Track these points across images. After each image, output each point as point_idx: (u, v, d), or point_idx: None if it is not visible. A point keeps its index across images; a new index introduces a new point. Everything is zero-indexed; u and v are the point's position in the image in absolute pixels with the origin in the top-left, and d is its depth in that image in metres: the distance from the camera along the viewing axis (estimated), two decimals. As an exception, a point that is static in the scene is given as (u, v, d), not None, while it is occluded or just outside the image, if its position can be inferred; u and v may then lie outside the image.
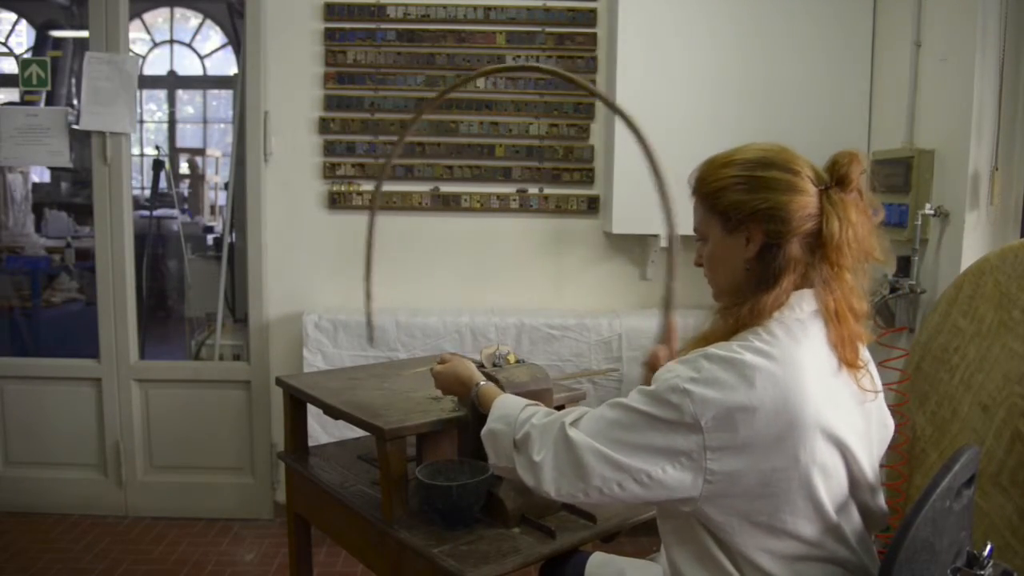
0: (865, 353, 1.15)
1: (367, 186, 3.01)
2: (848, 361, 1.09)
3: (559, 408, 1.67)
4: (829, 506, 1.05)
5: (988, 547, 1.12)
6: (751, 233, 1.10)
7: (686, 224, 1.53)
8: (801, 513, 1.03)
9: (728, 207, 1.11)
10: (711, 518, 1.06)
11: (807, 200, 1.08)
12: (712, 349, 1.05)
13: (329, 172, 3.01)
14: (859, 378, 1.10)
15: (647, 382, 1.43)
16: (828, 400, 1.04)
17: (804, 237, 1.08)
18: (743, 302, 1.10)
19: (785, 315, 1.07)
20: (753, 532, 1.04)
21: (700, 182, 1.16)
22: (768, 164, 1.10)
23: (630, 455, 1.06)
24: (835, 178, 1.09)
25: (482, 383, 1.43)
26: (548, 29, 2.97)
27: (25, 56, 5.03)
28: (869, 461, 1.11)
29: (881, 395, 1.17)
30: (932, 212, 2.38)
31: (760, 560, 1.05)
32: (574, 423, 1.13)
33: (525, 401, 1.30)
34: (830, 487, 1.04)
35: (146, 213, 4.33)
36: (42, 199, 5.62)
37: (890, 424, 1.20)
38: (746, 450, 1.00)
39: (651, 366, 1.50)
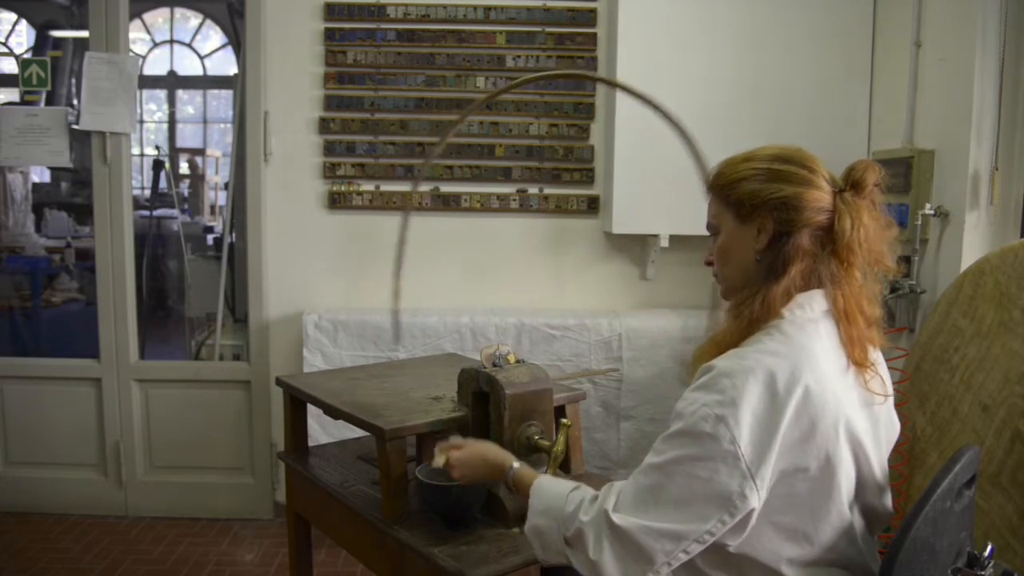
0: (875, 355, 1.15)
1: (367, 186, 3.01)
2: (857, 361, 1.09)
3: (559, 409, 1.68)
4: (845, 504, 1.05)
5: (988, 548, 1.12)
6: (763, 222, 1.11)
7: (685, 224, 1.53)
8: (821, 513, 1.03)
9: (743, 196, 1.12)
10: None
11: (821, 195, 1.09)
12: (725, 363, 1.03)
13: (329, 172, 3.01)
14: (867, 380, 1.10)
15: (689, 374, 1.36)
16: (845, 397, 1.05)
17: (815, 230, 1.09)
18: (754, 295, 1.10)
19: (796, 315, 1.08)
20: (773, 537, 1.04)
21: (717, 176, 1.18)
22: (785, 159, 1.13)
23: (683, 519, 1.00)
24: (850, 182, 1.11)
25: (516, 465, 1.31)
26: (548, 29, 2.97)
27: (25, 56, 5.02)
28: (879, 461, 1.11)
29: (891, 396, 1.17)
30: (932, 212, 2.38)
31: (777, 567, 1.04)
32: (616, 506, 1.06)
33: (567, 488, 1.18)
34: (847, 484, 1.05)
35: (146, 213, 4.32)
36: (42, 199, 5.61)
37: (896, 424, 1.20)
38: (780, 457, 1.00)
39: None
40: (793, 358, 1.02)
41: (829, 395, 1.02)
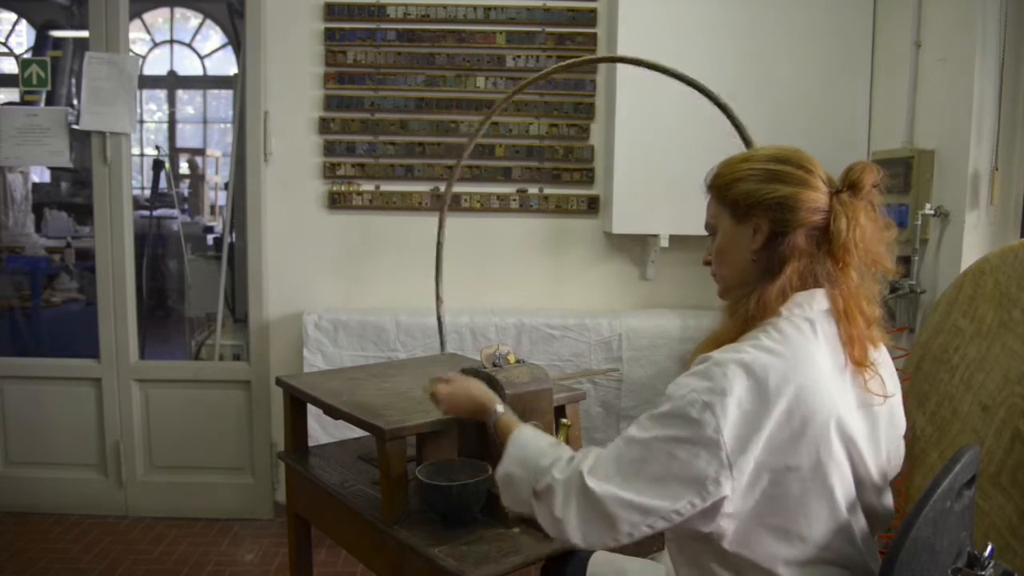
0: (878, 355, 1.14)
1: (367, 186, 3.02)
2: (856, 360, 1.09)
3: (559, 409, 1.68)
4: (842, 504, 1.05)
5: (989, 548, 1.12)
6: (759, 222, 1.12)
7: (684, 224, 1.54)
8: (813, 513, 1.03)
9: (739, 196, 1.13)
10: (725, 530, 1.04)
11: (816, 195, 1.10)
12: (719, 355, 1.04)
13: (329, 172, 3.01)
14: (867, 380, 1.10)
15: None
16: (840, 396, 1.05)
17: (810, 230, 1.10)
18: (750, 294, 1.11)
19: (795, 313, 1.08)
20: (766, 538, 1.04)
21: (716, 176, 1.19)
22: (782, 160, 1.13)
23: (656, 495, 1.02)
24: (847, 183, 1.11)
25: (501, 409, 1.36)
26: (548, 29, 2.97)
27: (25, 56, 5.02)
28: (875, 461, 1.11)
29: (898, 395, 1.17)
30: (932, 212, 2.38)
31: (773, 567, 1.04)
32: (591, 470, 1.07)
33: (546, 442, 1.22)
34: (842, 485, 1.05)
35: (146, 213, 4.33)
36: (42, 199, 5.61)
37: (900, 424, 1.20)
38: (765, 453, 1.00)
39: None
40: (788, 356, 1.03)
41: (822, 395, 1.02)
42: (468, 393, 1.43)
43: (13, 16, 6.69)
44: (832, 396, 1.03)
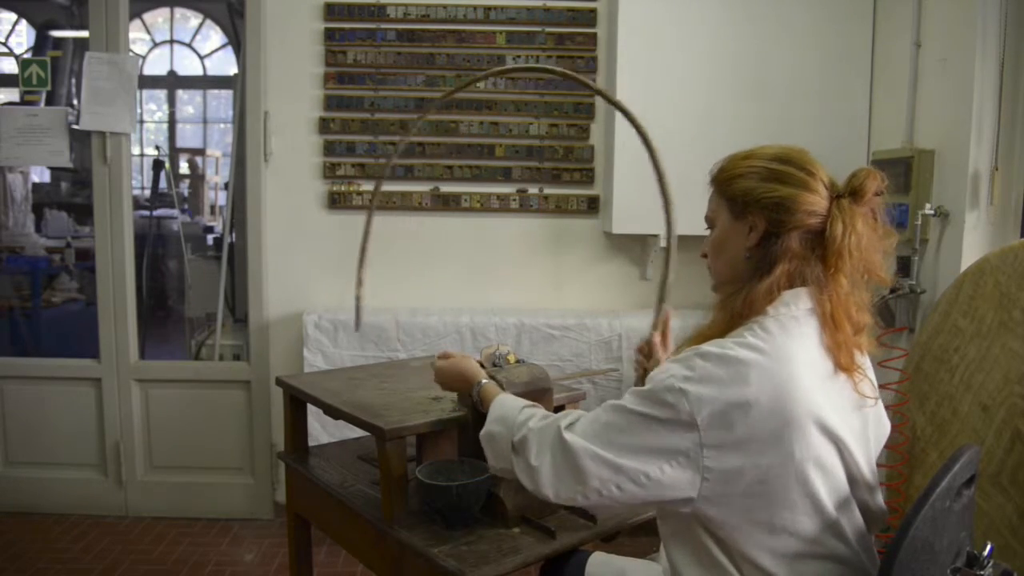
0: (863, 360, 1.15)
1: (367, 186, 3.02)
2: (843, 366, 1.09)
3: (559, 409, 1.68)
4: (828, 502, 1.05)
5: (988, 547, 1.12)
6: (755, 221, 1.12)
7: (683, 223, 1.55)
8: (800, 509, 1.04)
9: (738, 193, 1.14)
10: (710, 518, 1.06)
11: (815, 199, 1.10)
12: (706, 347, 1.06)
13: (329, 172, 3.01)
14: (857, 382, 1.11)
15: (640, 368, 1.43)
16: (823, 396, 1.05)
17: (805, 232, 1.10)
18: (739, 291, 1.12)
19: (780, 311, 1.09)
20: (752, 531, 1.05)
21: (719, 171, 1.20)
22: (785, 160, 1.14)
23: (627, 456, 1.06)
24: (849, 189, 1.12)
25: (484, 381, 1.43)
26: (548, 29, 2.97)
27: (25, 56, 5.02)
28: (866, 460, 1.12)
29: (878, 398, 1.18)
30: (932, 212, 2.38)
31: (760, 559, 1.05)
32: (570, 426, 1.13)
33: (524, 403, 1.31)
34: (828, 482, 1.05)
35: (146, 213, 4.33)
36: (42, 199, 5.62)
37: (886, 424, 1.22)
38: (743, 447, 1.01)
39: (644, 353, 1.53)
40: (772, 354, 1.03)
41: (803, 393, 1.02)
42: (459, 369, 1.49)
43: (13, 16, 6.69)
44: (815, 396, 1.03)
